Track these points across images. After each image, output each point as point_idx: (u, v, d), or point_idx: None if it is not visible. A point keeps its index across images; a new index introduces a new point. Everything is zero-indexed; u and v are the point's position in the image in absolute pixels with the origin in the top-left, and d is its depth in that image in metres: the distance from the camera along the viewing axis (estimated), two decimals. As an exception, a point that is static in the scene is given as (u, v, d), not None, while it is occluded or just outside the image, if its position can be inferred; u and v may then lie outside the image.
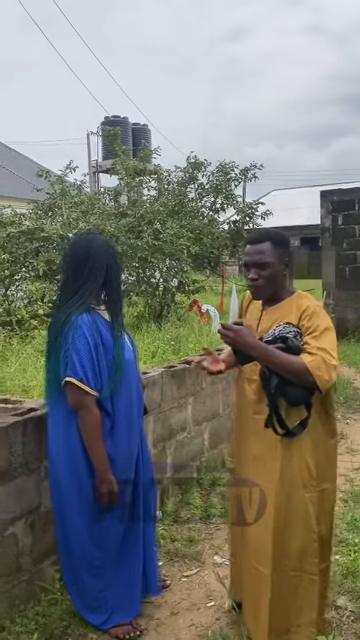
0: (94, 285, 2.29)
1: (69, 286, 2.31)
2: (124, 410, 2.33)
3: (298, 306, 2.14)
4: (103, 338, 2.24)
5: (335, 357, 2.02)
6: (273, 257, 2.14)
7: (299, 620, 2.16)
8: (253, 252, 2.16)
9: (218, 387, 4.29)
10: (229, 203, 9.78)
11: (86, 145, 21.93)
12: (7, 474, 2.37)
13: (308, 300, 2.18)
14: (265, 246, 2.14)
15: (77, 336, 2.18)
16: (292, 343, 2.03)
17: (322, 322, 2.08)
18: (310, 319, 2.08)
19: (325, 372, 1.99)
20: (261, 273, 2.15)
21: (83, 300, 2.25)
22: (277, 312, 2.19)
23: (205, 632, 2.43)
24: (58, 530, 2.40)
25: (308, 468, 2.12)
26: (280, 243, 2.17)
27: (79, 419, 2.23)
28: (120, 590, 2.44)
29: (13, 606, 2.41)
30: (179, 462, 3.74)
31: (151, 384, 3.42)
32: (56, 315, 2.31)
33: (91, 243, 2.32)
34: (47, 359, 2.32)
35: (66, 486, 2.30)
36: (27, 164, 21.71)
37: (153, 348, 5.75)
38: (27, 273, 7.23)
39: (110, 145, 12.12)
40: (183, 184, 9.57)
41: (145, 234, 7.54)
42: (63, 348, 2.20)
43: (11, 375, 4.21)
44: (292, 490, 2.11)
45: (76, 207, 8.13)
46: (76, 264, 2.30)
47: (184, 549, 3.08)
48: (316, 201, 10.70)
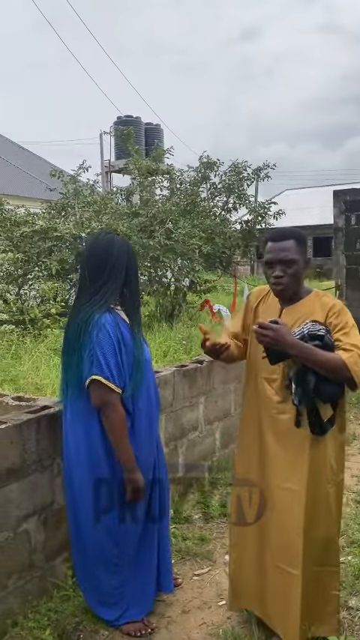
0: (115, 285, 2.30)
1: (89, 286, 2.32)
2: (145, 409, 2.36)
3: (323, 304, 2.16)
4: (124, 338, 2.26)
5: None
6: (296, 254, 2.15)
7: (322, 613, 2.21)
8: (277, 249, 2.16)
9: (230, 387, 4.30)
10: (241, 203, 9.77)
11: (99, 144, 22.06)
12: (20, 470, 2.39)
13: (332, 298, 2.22)
14: (290, 243, 2.15)
15: (102, 335, 2.19)
16: (328, 340, 2.06)
17: (349, 319, 2.12)
18: (338, 316, 2.12)
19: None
20: (287, 270, 2.15)
21: (105, 300, 2.27)
22: (299, 310, 2.20)
23: (216, 630, 2.44)
24: (71, 527, 2.42)
25: (331, 463, 2.17)
26: (302, 241, 2.21)
27: (104, 417, 2.23)
28: (135, 587, 2.46)
29: (26, 602, 2.43)
30: (191, 461, 3.75)
31: (163, 383, 3.43)
32: (77, 314, 2.31)
33: (112, 243, 2.33)
34: (67, 357, 2.32)
35: (84, 484, 2.32)
36: (40, 164, 21.84)
37: (164, 347, 5.76)
38: (40, 272, 7.28)
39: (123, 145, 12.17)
40: (195, 184, 9.58)
41: (157, 233, 7.55)
42: (87, 346, 2.21)
43: (24, 373, 4.24)
44: (318, 486, 2.15)
45: (88, 206, 8.16)
46: (97, 264, 2.31)
47: (195, 548, 3.09)
48: (328, 200, 10.62)
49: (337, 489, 2.22)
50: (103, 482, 2.30)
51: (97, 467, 2.29)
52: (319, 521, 2.16)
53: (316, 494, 2.15)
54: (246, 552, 2.36)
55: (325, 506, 2.17)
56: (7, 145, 23.67)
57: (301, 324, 2.12)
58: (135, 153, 10.21)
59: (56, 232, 6.89)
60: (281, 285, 2.18)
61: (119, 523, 2.33)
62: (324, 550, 2.19)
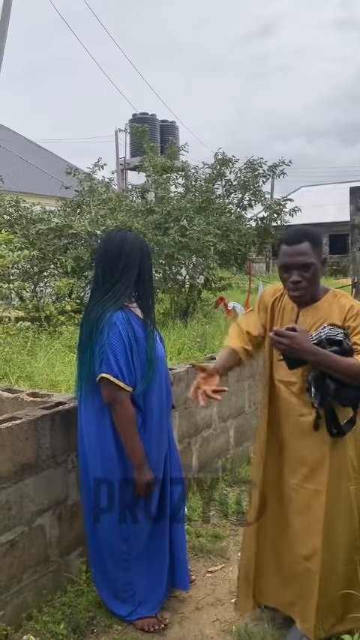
0: (128, 283, 2.30)
1: (103, 283, 2.33)
2: (156, 406, 2.36)
3: (341, 306, 2.11)
4: (137, 335, 2.27)
5: None
6: (314, 257, 2.08)
7: (346, 609, 2.19)
8: (293, 253, 2.08)
9: (244, 385, 4.29)
10: (256, 200, 9.74)
11: (114, 142, 22.12)
12: (35, 466, 2.41)
13: (349, 299, 2.16)
14: (305, 246, 2.07)
15: (112, 332, 2.20)
16: (347, 346, 2.01)
17: None
18: (355, 319, 2.06)
19: None
20: (304, 275, 2.07)
21: (117, 298, 2.27)
22: (316, 312, 2.15)
23: (229, 627, 2.44)
24: (87, 522, 2.44)
25: (352, 462, 2.16)
26: (317, 241, 2.13)
27: (113, 414, 2.25)
28: (146, 585, 2.47)
29: (41, 596, 2.46)
30: (204, 459, 3.75)
31: (177, 380, 3.44)
32: (90, 312, 2.32)
33: (124, 241, 2.33)
34: (81, 354, 2.34)
35: (97, 479, 2.33)
36: (56, 162, 21.96)
37: (179, 344, 5.77)
38: (55, 269, 7.34)
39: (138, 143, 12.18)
40: (210, 181, 9.57)
41: (171, 230, 7.56)
42: (98, 343, 2.22)
43: (40, 370, 4.28)
44: (340, 486, 2.14)
45: (104, 204, 8.20)
46: (110, 261, 2.31)
47: (209, 545, 3.09)
48: (345, 197, 10.52)
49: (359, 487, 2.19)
50: (114, 480, 2.31)
51: (109, 463, 2.30)
52: (340, 520, 2.15)
53: (337, 494, 2.14)
54: (264, 551, 2.36)
55: (346, 505, 2.16)
56: (23, 143, 23.85)
57: (319, 327, 2.07)
58: (150, 150, 10.22)
59: (71, 230, 6.94)
60: (300, 291, 2.10)
61: (129, 521, 2.34)
62: (348, 548, 2.17)
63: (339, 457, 2.14)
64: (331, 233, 25.79)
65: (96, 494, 2.34)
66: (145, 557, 2.45)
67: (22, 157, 21.66)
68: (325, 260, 2.16)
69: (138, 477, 2.27)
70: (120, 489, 2.31)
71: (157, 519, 2.44)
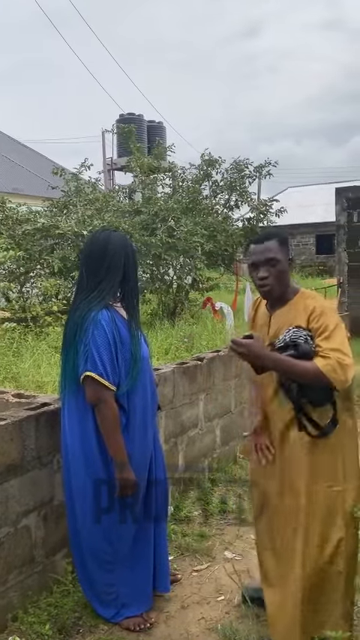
0: (113, 283, 2.31)
1: (87, 283, 2.33)
2: (140, 407, 2.36)
3: (305, 308, 2.12)
4: (121, 334, 2.27)
5: (349, 354, 2.01)
6: (280, 253, 2.15)
7: (329, 614, 2.16)
8: (259, 250, 2.16)
9: (230, 384, 4.31)
10: (243, 200, 9.76)
11: (101, 142, 22.04)
12: (20, 467, 2.41)
13: (314, 299, 2.17)
14: (272, 243, 2.16)
15: (97, 331, 2.20)
16: (303, 349, 2.02)
17: (330, 321, 2.06)
18: (318, 320, 2.07)
19: (341, 373, 1.98)
20: (271, 270, 2.14)
21: (102, 297, 2.28)
22: (284, 315, 2.18)
23: (214, 625, 2.45)
24: (70, 523, 2.44)
25: (335, 466, 2.13)
26: (284, 240, 2.19)
27: (97, 413, 2.25)
28: (131, 587, 2.46)
29: (26, 597, 2.45)
30: (191, 458, 3.77)
31: (163, 380, 3.45)
32: (75, 311, 2.33)
33: (108, 241, 2.34)
34: (65, 353, 2.34)
35: (79, 480, 2.33)
36: (42, 162, 21.86)
37: (166, 345, 5.78)
38: (42, 270, 7.31)
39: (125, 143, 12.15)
40: (197, 182, 9.58)
41: (159, 231, 7.56)
42: (83, 342, 2.22)
43: (26, 371, 4.27)
44: (319, 488, 2.12)
45: (90, 204, 8.18)
46: (95, 261, 2.32)
47: (194, 544, 3.10)
48: (331, 198, 10.62)
49: (351, 495, 2.15)
50: (97, 480, 2.31)
51: (91, 463, 2.30)
52: (321, 524, 2.13)
53: (318, 497, 2.12)
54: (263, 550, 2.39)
55: (327, 510, 2.12)
56: (10, 142, 23.70)
57: (285, 331, 2.10)
58: (137, 151, 10.22)
59: (58, 230, 6.92)
60: (267, 286, 2.16)
61: (113, 522, 2.34)
62: (327, 552, 2.14)
63: (321, 460, 2.12)
64: (317, 233, 25.95)
65: (79, 495, 2.34)
66: (129, 560, 2.45)
67: (7, 157, 21.52)
68: (292, 259, 2.21)
69: (120, 477, 2.27)
70: (103, 490, 2.31)
71: (141, 521, 2.44)
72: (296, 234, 26.10)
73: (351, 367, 2.00)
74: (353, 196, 10.18)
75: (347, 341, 2.07)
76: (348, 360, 2.00)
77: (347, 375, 1.99)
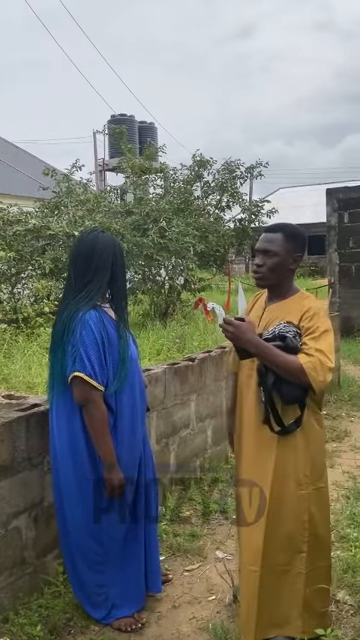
0: (100, 283, 2.32)
1: (75, 283, 2.34)
2: (129, 407, 2.36)
3: (301, 307, 2.15)
4: (109, 335, 2.27)
5: (332, 360, 2.04)
6: (281, 247, 2.15)
7: (287, 614, 2.17)
8: (263, 239, 2.20)
9: (221, 384, 4.32)
10: (234, 201, 9.78)
11: (92, 143, 22.02)
12: (10, 468, 2.41)
13: (311, 301, 2.19)
14: (276, 235, 2.17)
15: (85, 331, 2.21)
16: (290, 342, 2.05)
17: (322, 324, 2.09)
18: (310, 320, 2.09)
19: (321, 373, 2.00)
20: (266, 260, 2.17)
21: (90, 297, 2.28)
22: (279, 309, 2.20)
23: (205, 625, 2.46)
24: (59, 523, 2.44)
25: (303, 467, 2.13)
26: (292, 237, 2.19)
27: (85, 414, 2.25)
28: (121, 587, 2.46)
29: (17, 598, 2.45)
30: (182, 458, 3.77)
31: (154, 380, 3.45)
32: (63, 312, 2.33)
33: (96, 241, 2.34)
34: (53, 353, 2.34)
35: (68, 480, 2.33)
36: (33, 163, 21.77)
37: (158, 345, 5.78)
38: (33, 271, 7.28)
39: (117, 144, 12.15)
40: (189, 182, 9.59)
41: (150, 232, 7.56)
42: (70, 343, 2.23)
43: (16, 372, 4.25)
44: (284, 488, 2.13)
45: (82, 205, 8.17)
46: (82, 261, 2.33)
47: (186, 544, 3.11)
48: (322, 199, 10.67)
49: (315, 496, 2.16)
50: (85, 478, 2.31)
51: (80, 464, 2.30)
52: (283, 523, 2.14)
53: (283, 495, 2.13)
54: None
55: (291, 510, 2.13)
56: (0, 143, 23.60)
57: (276, 324, 2.13)
58: (128, 151, 10.22)
59: (49, 231, 6.90)
60: (259, 274, 2.20)
61: (102, 522, 2.34)
62: (288, 552, 2.15)
63: (286, 459, 2.13)
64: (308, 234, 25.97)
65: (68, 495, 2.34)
66: (119, 560, 2.45)
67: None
68: (297, 258, 2.20)
69: (109, 477, 2.27)
70: (92, 491, 2.31)
71: (132, 521, 2.44)
72: (288, 235, 26.15)
73: (331, 371, 2.03)
74: (344, 197, 10.24)
75: (333, 348, 2.08)
76: (329, 363, 2.02)
77: (326, 376, 2.02)
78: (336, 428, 5.22)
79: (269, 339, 2.09)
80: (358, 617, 2.43)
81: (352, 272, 10.20)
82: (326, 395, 6.18)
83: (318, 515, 2.18)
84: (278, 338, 2.07)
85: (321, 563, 2.22)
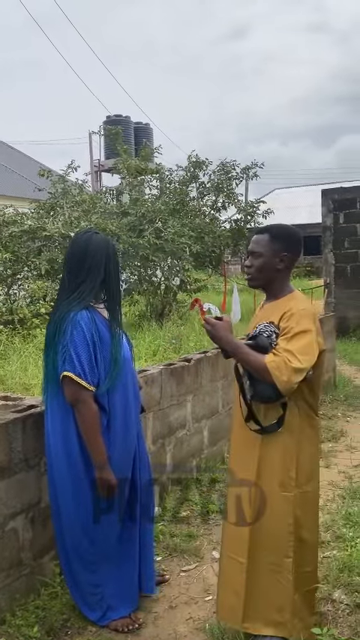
0: (94, 284, 2.33)
1: (68, 284, 2.35)
2: (121, 407, 2.36)
3: (285, 307, 2.15)
4: (101, 335, 2.28)
5: (301, 361, 2.00)
6: (266, 248, 2.19)
7: (277, 614, 2.17)
8: (252, 241, 2.26)
9: (217, 385, 4.33)
10: (230, 202, 9.80)
11: (88, 144, 22.00)
12: (7, 469, 2.41)
13: (296, 302, 2.18)
14: (263, 237, 2.22)
15: (76, 332, 2.22)
16: (260, 341, 2.07)
17: (297, 325, 2.06)
18: (287, 320, 2.09)
19: (285, 373, 1.98)
20: (254, 261, 2.22)
21: (82, 298, 2.30)
22: (269, 310, 2.23)
23: (202, 625, 2.46)
24: (55, 524, 2.44)
25: (288, 469, 2.13)
26: (279, 237, 2.20)
27: (77, 413, 2.26)
28: (116, 588, 2.46)
29: (14, 600, 2.45)
30: (179, 459, 3.78)
31: (150, 381, 3.46)
32: (55, 312, 2.35)
33: (88, 242, 2.35)
34: (46, 354, 2.36)
35: (62, 480, 2.34)
36: (29, 163, 21.76)
37: (154, 346, 5.78)
38: (29, 272, 7.28)
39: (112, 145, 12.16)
40: (184, 183, 9.60)
41: (146, 233, 7.57)
42: (61, 343, 2.24)
43: (12, 374, 4.25)
44: (268, 487, 2.14)
45: (77, 206, 8.17)
46: (75, 262, 2.35)
47: (183, 544, 3.11)
48: (318, 199, 10.71)
49: (301, 500, 2.16)
50: (79, 478, 2.32)
51: (74, 464, 2.31)
52: (268, 520, 2.15)
53: (267, 495, 2.14)
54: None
55: (275, 510, 2.14)
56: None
57: (260, 324, 2.16)
58: (123, 152, 10.22)
59: (45, 232, 6.90)
60: (248, 275, 2.27)
61: (94, 522, 2.35)
62: (276, 553, 2.16)
63: (270, 459, 2.13)
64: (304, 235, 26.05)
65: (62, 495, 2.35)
66: (114, 561, 2.45)
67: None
68: (284, 257, 2.19)
69: (100, 477, 2.27)
70: (89, 491, 2.32)
71: (127, 521, 2.45)
72: (283, 236, 26.22)
73: (297, 372, 1.99)
74: (339, 198, 10.28)
75: (311, 350, 2.04)
76: (296, 364, 1.99)
77: (290, 377, 1.99)
78: (332, 428, 5.24)
79: (249, 337, 2.14)
80: (354, 616, 2.44)
81: (347, 272, 10.25)
82: (322, 395, 6.21)
83: (303, 519, 2.17)
84: (252, 337, 2.11)
85: (307, 568, 2.22)
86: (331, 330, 6.85)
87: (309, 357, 2.03)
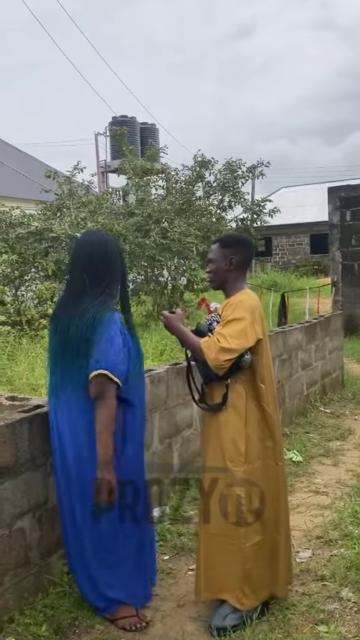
0: (116, 285, 2.42)
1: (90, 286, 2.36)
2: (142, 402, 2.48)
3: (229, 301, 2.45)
4: (125, 335, 2.36)
5: (230, 342, 2.27)
6: (218, 255, 2.51)
7: (227, 582, 2.40)
8: (209, 250, 2.60)
9: (224, 384, 4.32)
10: (236, 201, 9.81)
11: (94, 145, 22.06)
12: (14, 469, 2.42)
13: (239, 295, 2.45)
14: (215, 246, 2.56)
15: (113, 332, 2.28)
16: (199, 327, 2.43)
17: (231, 314, 2.36)
18: (225, 311, 2.40)
19: (213, 351, 2.27)
20: (211, 267, 2.54)
21: (111, 298, 2.39)
22: (223, 304, 2.51)
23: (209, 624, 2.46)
24: (62, 521, 2.46)
25: (235, 444, 2.37)
26: (227, 244, 2.53)
27: (99, 407, 2.24)
28: (129, 585, 2.48)
29: (22, 599, 2.46)
30: (185, 458, 3.78)
31: (157, 381, 3.46)
32: (82, 314, 2.32)
33: (106, 243, 2.44)
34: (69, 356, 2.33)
35: (72, 479, 2.36)
36: (35, 165, 21.84)
37: (161, 346, 5.80)
38: (36, 273, 7.33)
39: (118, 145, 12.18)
40: (190, 183, 9.62)
41: (152, 232, 7.59)
42: (98, 343, 2.25)
43: (20, 374, 4.28)
44: (217, 460, 2.39)
45: (84, 207, 8.21)
46: (97, 264, 2.38)
47: (190, 544, 3.11)
48: (325, 197, 10.66)
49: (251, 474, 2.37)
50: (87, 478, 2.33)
51: (82, 461, 2.32)
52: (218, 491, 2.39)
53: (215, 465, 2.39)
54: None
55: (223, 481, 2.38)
56: (2, 146, 23.67)
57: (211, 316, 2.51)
58: (129, 153, 10.25)
59: (52, 233, 6.94)
60: (208, 279, 2.62)
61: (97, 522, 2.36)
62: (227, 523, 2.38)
63: (217, 435, 2.39)
64: (312, 233, 25.98)
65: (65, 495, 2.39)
66: (130, 558, 2.47)
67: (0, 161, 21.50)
68: (232, 260, 2.47)
69: (101, 475, 2.26)
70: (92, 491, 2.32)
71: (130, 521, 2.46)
72: (291, 234, 26.16)
73: (225, 351, 2.26)
74: (346, 195, 10.24)
75: (242, 334, 2.29)
76: (224, 344, 2.27)
77: (218, 355, 2.26)
78: (340, 426, 5.22)
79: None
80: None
81: (355, 270, 10.20)
82: (330, 393, 6.18)
83: (254, 493, 2.38)
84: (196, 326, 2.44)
85: (256, 538, 2.39)
86: (339, 329, 6.81)
87: (239, 341, 2.29)
